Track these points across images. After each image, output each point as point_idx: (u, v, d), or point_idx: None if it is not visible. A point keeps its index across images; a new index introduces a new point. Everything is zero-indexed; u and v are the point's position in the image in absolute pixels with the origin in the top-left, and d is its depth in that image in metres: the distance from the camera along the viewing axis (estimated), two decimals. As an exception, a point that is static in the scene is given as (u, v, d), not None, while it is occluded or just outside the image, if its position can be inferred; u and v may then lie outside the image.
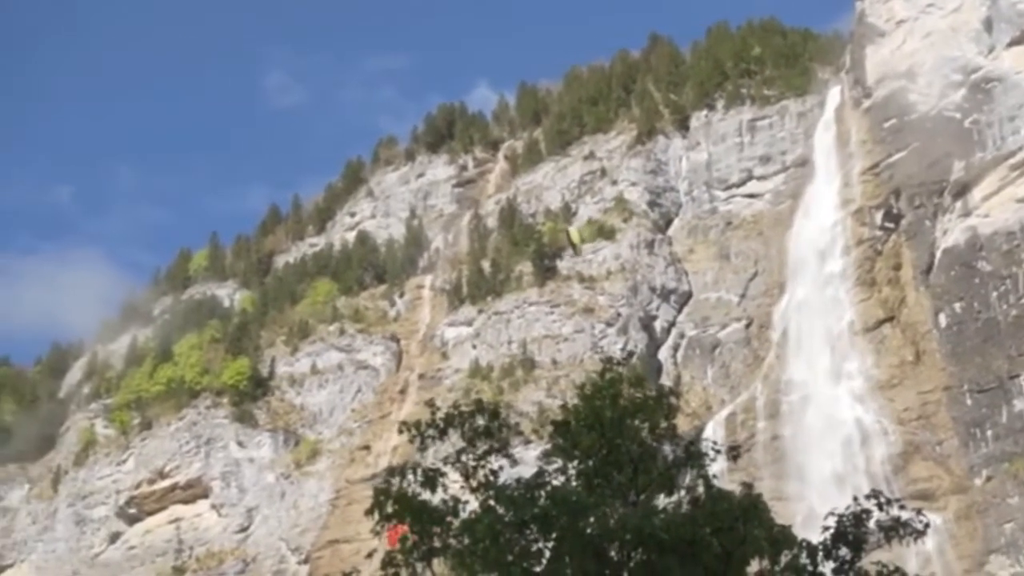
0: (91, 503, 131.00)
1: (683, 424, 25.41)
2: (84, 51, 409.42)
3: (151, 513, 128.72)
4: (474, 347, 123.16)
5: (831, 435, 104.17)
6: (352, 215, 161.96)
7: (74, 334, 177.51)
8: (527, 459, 26.02)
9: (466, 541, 22.83)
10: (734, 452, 25.22)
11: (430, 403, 25.54)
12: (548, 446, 25.23)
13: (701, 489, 23.79)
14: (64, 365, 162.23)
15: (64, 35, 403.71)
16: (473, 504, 23.69)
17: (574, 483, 23.90)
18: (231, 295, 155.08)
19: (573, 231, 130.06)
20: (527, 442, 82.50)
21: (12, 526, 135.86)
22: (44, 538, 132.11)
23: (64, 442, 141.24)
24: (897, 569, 23.92)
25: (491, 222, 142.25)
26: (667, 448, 24.62)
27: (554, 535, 22.56)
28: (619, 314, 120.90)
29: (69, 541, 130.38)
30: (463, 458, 24.28)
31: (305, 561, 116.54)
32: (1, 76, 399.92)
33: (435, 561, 23.61)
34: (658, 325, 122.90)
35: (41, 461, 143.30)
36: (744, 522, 22.59)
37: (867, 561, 24.00)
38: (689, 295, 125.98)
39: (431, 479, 23.68)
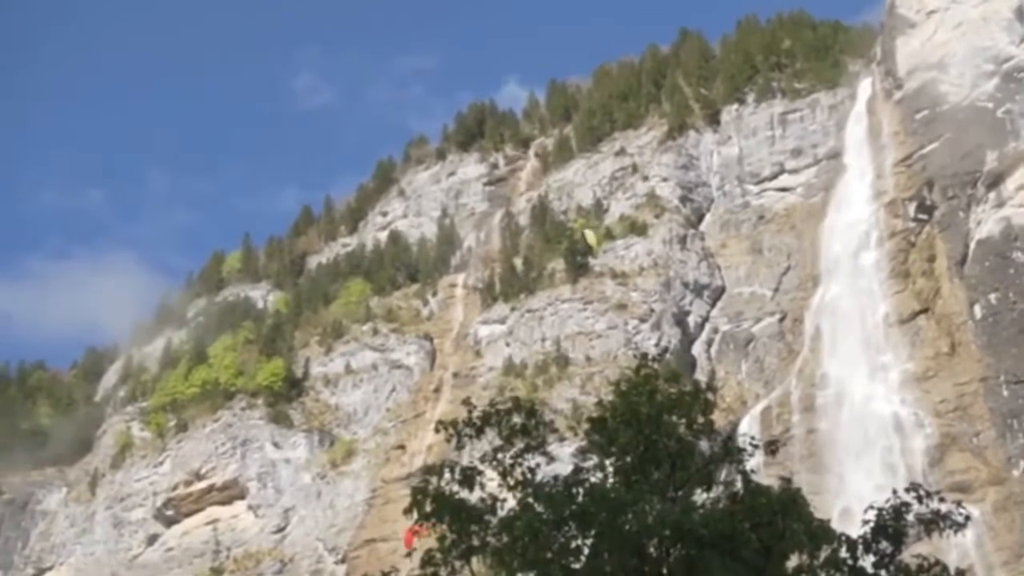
0: (129, 505, 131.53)
1: (718, 419, 25.42)
2: (113, 54, 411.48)
3: (188, 515, 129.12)
4: (507, 345, 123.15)
5: (867, 428, 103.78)
6: (384, 215, 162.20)
7: (108, 337, 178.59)
8: (562, 456, 26.00)
9: (505, 539, 22.85)
10: (772, 447, 25.15)
11: (466, 402, 25.49)
12: (583, 443, 25.22)
13: (739, 484, 23.75)
14: (100, 368, 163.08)
15: (92, 38, 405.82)
16: (511, 502, 23.71)
17: (611, 480, 23.89)
18: (264, 296, 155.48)
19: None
20: (562, 439, 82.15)
21: (50, 529, 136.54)
22: (82, 541, 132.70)
23: (101, 445, 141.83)
24: (938, 562, 23.82)
25: (523, 220, 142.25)
26: (704, 444, 24.58)
27: (593, 532, 22.56)
28: (652, 310, 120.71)
29: (107, 543, 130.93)
30: (499, 456, 24.30)
31: (342, 561, 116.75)
32: (31, 79, 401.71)
33: (473, 560, 23.64)
34: (691, 320, 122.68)
35: (78, 464, 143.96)
36: (783, 517, 22.53)
37: (907, 554, 23.90)
38: (722, 290, 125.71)
39: (469, 477, 23.71)
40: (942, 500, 23.97)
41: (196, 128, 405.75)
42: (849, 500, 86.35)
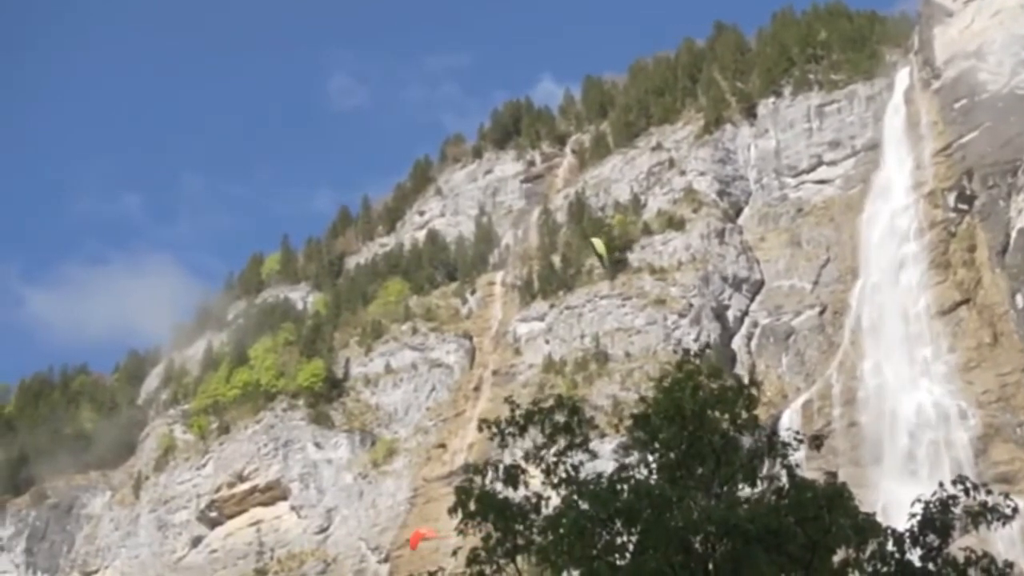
0: (172, 508, 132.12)
1: (760, 413, 25.27)
2: (146, 59, 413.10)
3: (231, 516, 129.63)
4: (547, 342, 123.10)
5: (909, 420, 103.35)
6: (421, 214, 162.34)
7: (149, 341, 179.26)
8: (603, 452, 25.97)
9: (550, 537, 22.84)
10: (817, 441, 25.03)
11: (509, 400, 25.46)
12: (624, 439, 25.17)
13: (784, 479, 23.65)
14: (142, 372, 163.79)
15: (125, 43, 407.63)
16: (555, 500, 23.70)
17: (655, 476, 23.84)
18: (304, 297, 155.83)
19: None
20: (603, 435, 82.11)
21: (95, 533, 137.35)
22: (127, 544, 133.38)
23: (144, 448, 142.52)
24: (985, 554, 23.67)
25: (560, 216, 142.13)
26: (748, 439, 24.50)
27: (638, 528, 22.52)
28: (691, 305, 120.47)
29: (152, 546, 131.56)
30: (542, 454, 24.28)
31: (385, 560, 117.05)
32: (66, 86, 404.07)
33: (518, 558, 23.63)
34: (731, 314, 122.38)
35: (122, 467, 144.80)
36: (829, 511, 22.46)
37: (954, 547, 23.75)
38: (761, 283, 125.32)
39: (512, 476, 23.70)
40: (989, 492, 23.81)
41: (231, 131, 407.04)
42: (893, 492, 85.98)
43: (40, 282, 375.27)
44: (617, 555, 22.86)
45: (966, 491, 23.38)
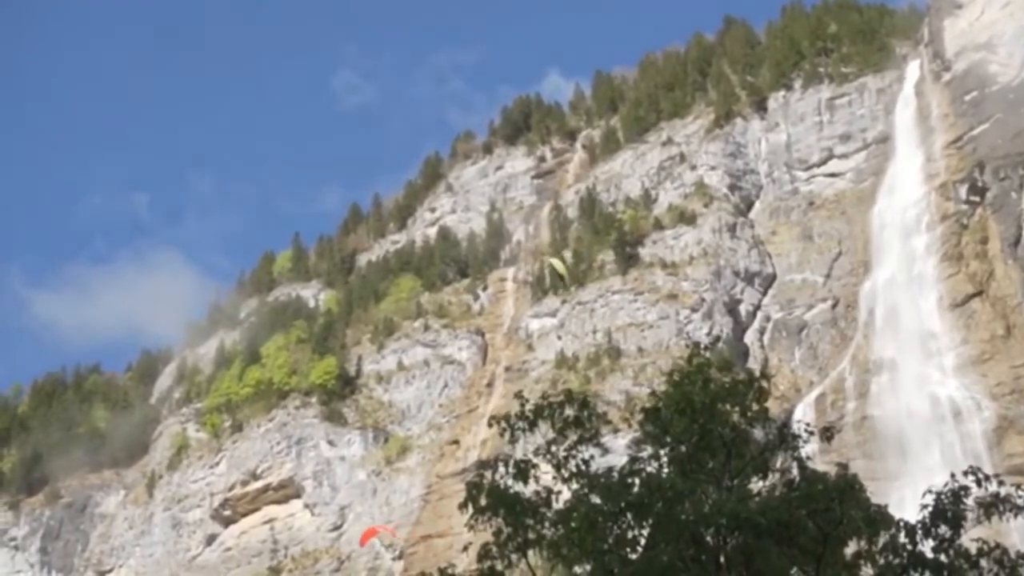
0: (186, 506, 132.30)
1: (773, 407, 25.25)
2: (152, 60, 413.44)
3: (245, 514, 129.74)
4: (559, 338, 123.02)
5: (923, 413, 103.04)
6: (432, 211, 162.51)
7: (160, 339, 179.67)
8: (616, 447, 25.96)
9: (561, 531, 22.83)
10: (828, 433, 24.98)
11: (519, 395, 25.41)
12: (637, 434, 25.13)
13: (795, 472, 23.62)
14: (154, 371, 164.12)
15: (133, 45, 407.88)
16: (565, 494, 23.67)
17: (667, 470, 23.80)
18: (316, 295, 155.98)
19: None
20: (615, 430, 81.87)
21: (109, 532, 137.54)
22: (141, 543, 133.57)
23: (157, 447, 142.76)
24: (998, 545, 23.61)
25: (571, 212, 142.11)
26: (759, 431, 24.45)
27: (649, 522, 22.51)
28: (703, 299, 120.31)
29: (166, 545, 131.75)
30: (553, 449, 24.25)
31: (399, 557, 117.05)
32: (74, 85, 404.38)
33: (529, 552, 23.61)
34: (743, 309, 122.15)
35: (136, 466, 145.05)
36: (840, 503, 22.41)
37: (966, 538, 23.68)
38: (773, 277, 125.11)
39: (523, 471, 23.66)
40: (1001, 483, 23.73)
41: (238, 130, 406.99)
42: (906, 485, 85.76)
43: (48, 282, 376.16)
44: (629, 548, 22.86)
45: (977, 482, 23.32)
